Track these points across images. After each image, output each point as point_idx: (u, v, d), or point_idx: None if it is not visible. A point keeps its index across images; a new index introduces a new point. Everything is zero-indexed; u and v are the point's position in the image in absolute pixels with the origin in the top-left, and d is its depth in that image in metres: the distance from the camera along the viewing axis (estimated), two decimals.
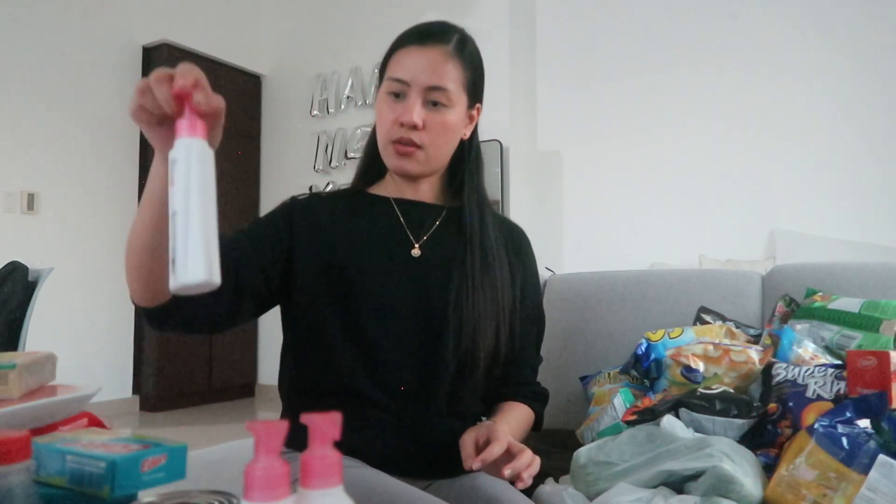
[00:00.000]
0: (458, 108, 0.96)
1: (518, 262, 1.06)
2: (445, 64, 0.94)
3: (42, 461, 0.50)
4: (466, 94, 0.98)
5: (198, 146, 0.55)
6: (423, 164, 0.98)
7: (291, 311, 0.99)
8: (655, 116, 3.60)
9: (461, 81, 0.96)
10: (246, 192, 4.78)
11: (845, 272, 1.44)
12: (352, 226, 1.00)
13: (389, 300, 0.95)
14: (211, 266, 0.52)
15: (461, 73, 0.96)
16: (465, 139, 1.02)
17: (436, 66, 0.93)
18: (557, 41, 3.94)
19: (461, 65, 0.96)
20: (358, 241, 0.99)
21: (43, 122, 3.81)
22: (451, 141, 0.98)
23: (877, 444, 0.84)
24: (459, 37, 0.98)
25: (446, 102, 0.94)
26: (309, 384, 0.99)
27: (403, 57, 0.95)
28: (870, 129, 3.13)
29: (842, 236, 3.03)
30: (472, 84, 0.99)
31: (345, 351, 0.95)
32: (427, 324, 0.95)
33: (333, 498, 0.40)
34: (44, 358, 0.74)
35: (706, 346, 1.20)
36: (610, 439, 1.03)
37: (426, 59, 0.93)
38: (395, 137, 0.95)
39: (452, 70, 0.94)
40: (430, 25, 0.97)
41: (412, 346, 0.95)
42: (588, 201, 3.79)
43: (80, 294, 3.92)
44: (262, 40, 4.90)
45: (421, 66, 0.93)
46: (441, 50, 0.94)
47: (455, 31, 0.98)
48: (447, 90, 0.93)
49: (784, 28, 3.34)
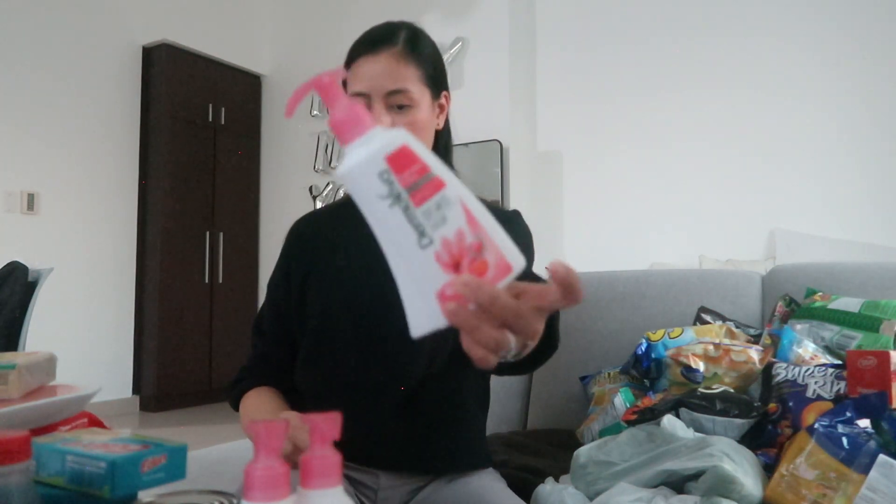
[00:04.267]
0: (424, 105, 0.96)
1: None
2: (399, 65, 0.93)
3: (42, 461, 0.50)
4: (429, 89, 0.97)
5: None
6: None
7: (300, 317, 1.02)
8: (656, 116, 3.60)
9: (419, 78, 0.95)
10: (246, 192, 4.78)
11: (845, 272, 1.44)
12: (345, 234, 1.02)
13: (380, 306, 0.96)
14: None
15: (417, 69, 0.95)
16: (438, 129, 1.02)
17: (390, 69, 0.93)
18: (557, 41, 3.94)
19: (415, 62, 0.95)
20: (342, 251, 1.01)
21: (43, 122, 3.81)
22: (424, 138, 0.97)
23: (877, 444, 0.84)
24: (407, 34, 0.97)
25: (409, 103, 0.93)
26: (312, 384, 1.01)
27: (358, 69, 0.95)
28: (870, 129, 3.13)
29: (842, 236, 3.03)
30: (432, 76, 0.98)
31: (347, 351, 0.97)
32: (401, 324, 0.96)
33: (333, 498, 0.40)
34: (44, 358, 0.74)
35: (706, 345, 1.20)
36: (610, 439, 1.03)
37: (379, 65, 0.93)
38: None
39: (408, 70, 0.94)
40: (375, 30, 0.97)
41: (406, 349, 0.93)
42: (588, 201, 3.79)
43: (80, 294, 3.92)
44: (262, 40, 4.90)
45: (375, 73, 0.93)
46: (391, 52, 0.94)
47: (401, 29, 0.97)
48: (407, 91, 0.93)
49: (784, 29, 3.34)
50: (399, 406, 0.95)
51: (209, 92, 4.55)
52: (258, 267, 4.80)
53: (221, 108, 4.61)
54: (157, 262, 4.20)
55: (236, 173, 4.71)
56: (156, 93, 4.31)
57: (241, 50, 4.75)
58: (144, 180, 4.30)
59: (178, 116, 4.34)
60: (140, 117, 4.33)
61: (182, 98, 4.38)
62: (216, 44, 4.56)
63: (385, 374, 0.96)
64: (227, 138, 4.66)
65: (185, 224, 4.34)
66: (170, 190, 4.26)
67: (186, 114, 4.40)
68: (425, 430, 0.96)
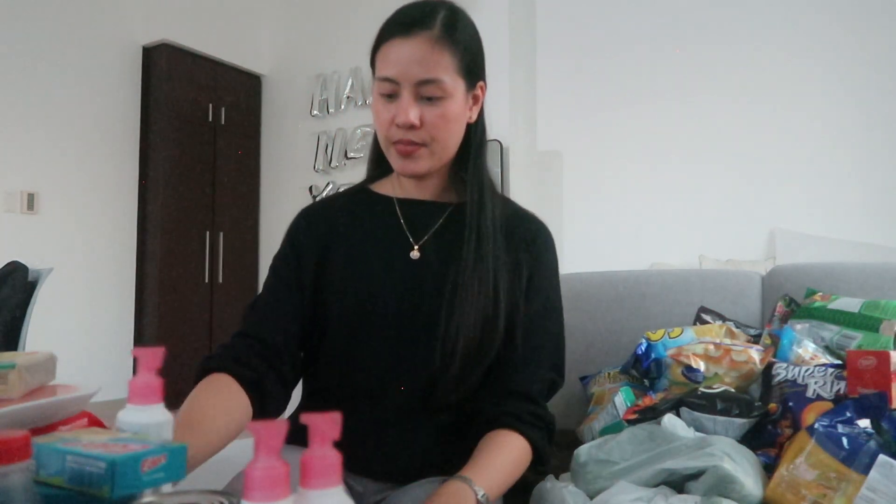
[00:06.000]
0: (457, 96, 0.89)
1: (529, 253, 0.96)
2: (434, 52, 0.85)
3: (42, 461, 0.50)
4: (463, 79, 0.89)
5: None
6: (430, 161, 0.92)
7: (315, 304, 0.98)
8: (656, 117, 3.60)
9: (455, 67, 0.87)
10: (246, 192, 4.78)
11: (845, 272, 1.44)
12: (350, 230, 0.98)
13: (376, 308, 0.93)
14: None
15: (453, 58, 0.87)
16: (471, 122, 0.95)
17: (423, 56, 0.85)
18: (558, 41, 3.94)
19: (452, 49, 0.87)
20: (353, 248, 0.97)
21: (43, 122, 3.81)
22: (455, 132, 0.92)
23: (877, 444, 0.84)
24: (446, 15, 0.88)
25: (441, 94, 0.87)
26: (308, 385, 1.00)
27: (389, 51, 0.87)
28: (869, 129, 3.13)
29: (842, 236, 3.03)
30: (469, 65, 0.90)
31: (335, 354, 0.95)
32: (418, 328, 0.92)
33: (333, 498, 0.40)
34: (44, 358, 0.74)
35: (707, 345, 1.20)
36: (610, 438, 1.03)
37: (412, 50, 0.85)
38: (395, 139, 0.90)
39: (443, 57, 0.86)
40: (410, 9, 0.88)
41: (399, 352, 0.92)
42: (588, 201, 3.79)
43: (80, 294, 3.92)
44: (262, 40, 4.90)
45: (407, 59, 0.85)
46: (426, 37, 0.85)
47: (440, 10, 0.88)
48: (440, 81, 0.86)
49: (784, 28, 3.33)
50: (379, 411, 0.92)
51: (209, 92, 4.55)
52: (258, 267, 4.80)
53: (221, 108, 4.61)
54: (157, 262, 4.20)
55: (236, 173, 4.71)
56: (156, 93, 4.31)
57: (241, 50, 4.74)
58: (144, 180, 4.30)
59: (178, 116, 4.34)
60: (140, 117, 4.32)
61: (182, 98, 4.37)
62: (216, 44, 4.56)
63: (363, 381, 0.93)
64: (227, 138, 4.65)
65: (185, 224, 4.34)
66: (170, 190, 4.25)
67: (186, 114, 4.40)
68: (404, 435, 0.92)
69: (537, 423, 0.91)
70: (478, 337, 0.88)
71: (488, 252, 0.91)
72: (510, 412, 0.89)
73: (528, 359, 0.93)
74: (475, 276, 0.89)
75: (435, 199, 0.99)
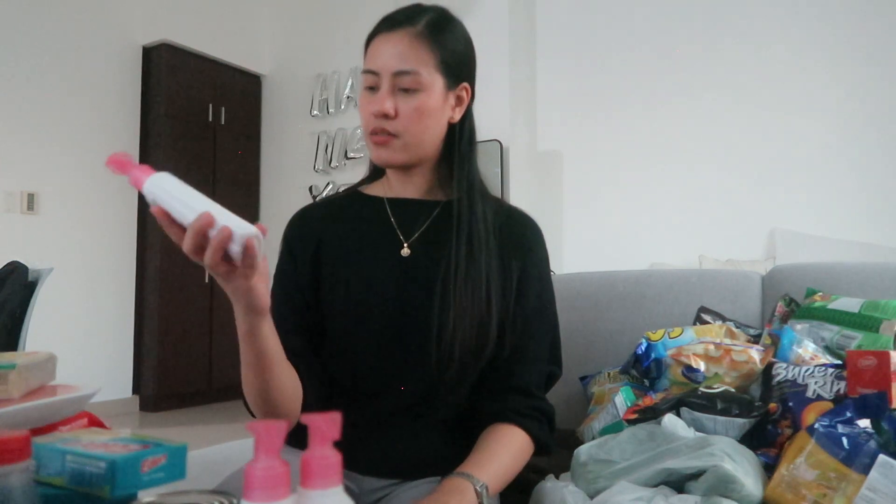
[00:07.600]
0: (434, 92, 0.91)
1: (519, 252, 0.98)
2: (412, 47, 0.89)
3: (42, 461, 0.50)
4: (442, 76, 0.92)
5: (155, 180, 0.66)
6: (403, 153, 0.93)
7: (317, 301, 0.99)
8: (656, 117, 3.60)
9: (433, 63, 0.90)
10: (246, 192, 4.78)
11: (845, 272, 1.44)
12: (341, 231, 0.99)
13: (370, 305, 0.93)
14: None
15: (432, 54, 0.90)
16: (453, 122, 0.97)
17: (402, 50, 0.89)
18: (558, 41, 3.94)
19: (432, 45, 0.90)
20: (345, 247, 0.98)
21: (43, 123, 3.81)
22: (430, 126, 0.93)
23: (877, 444, 0.84)
24: (432, 17, 0.92)
25: (416, 86, 0.89)
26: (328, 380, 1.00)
27: (374, 47, 0.92)
28: (869, 129, 3.13)
29: (842, 236, 3.03)
30: (451, 65, 0.92)
31: (333, 352, 0.96)
32: (411, 325, 0.93)
33: (333, 498, 0.40)
34: (44, 358, 0.74)
35: (707, 345, 1.20)
36: (611, 437, 1.03)
37: (393, 44, 0.89)
38: (371, 129, 0.92)
39: (421, 52, 0.89)
40: (400, 10, 0.93)
41: (395, 350, 0.93)
42: (588, 201, 3.79)
43: (80, 294, 3.93)
44: (262, 40, 4.90)
45: (388, 52, 0.89)
46: (408, 32, 0.89)
47: (429, 12, 0.93)
48: (416, 73, 0.89)
49: (784, 29, 3.34)
50: (372, 410, 0.93)
51: (209, 92, 4.55)
52: None
53: (221, 108, 4.61)
54: (157, 262, 4.20)
55: (236, 173, 4.71)
56: (156, 93, 4.31)
57: (241, 50, 4.75)
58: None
59: (178, 116, 4.34)
60: (140, 117, 4.33)
61: (182, 98, 4.38)
62: (216, 44, 4.56)
63: (358, 380, 0.94)
64: (227, 138, 4.66)
65: None
66: None
67: (186, 114, 4.40)
68: (399, 434, 0.94)
69: (536, 416, 0.94)
70: (473, 339, 0.90)
71: (480, 255, 0.93)
72: (510, 408, 0.92)
73: (525, 353, 0.96)
74: (468, 281, 0.91)
75: (423, 197, 1.01)
